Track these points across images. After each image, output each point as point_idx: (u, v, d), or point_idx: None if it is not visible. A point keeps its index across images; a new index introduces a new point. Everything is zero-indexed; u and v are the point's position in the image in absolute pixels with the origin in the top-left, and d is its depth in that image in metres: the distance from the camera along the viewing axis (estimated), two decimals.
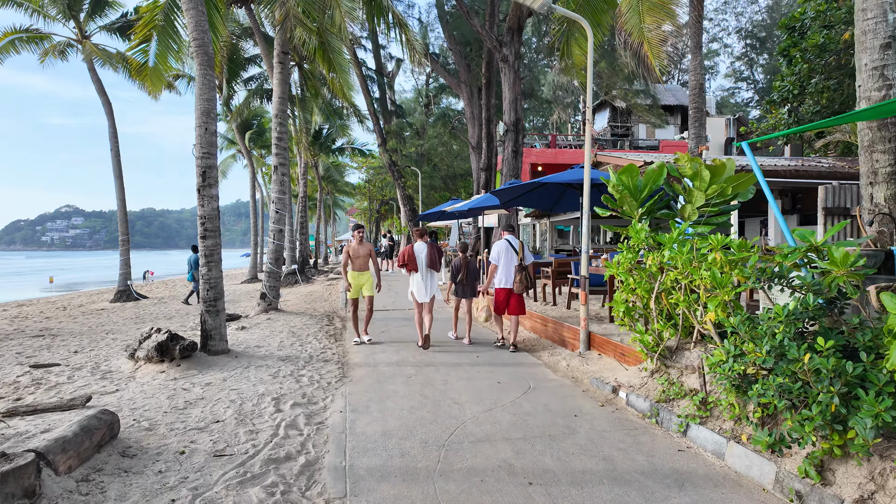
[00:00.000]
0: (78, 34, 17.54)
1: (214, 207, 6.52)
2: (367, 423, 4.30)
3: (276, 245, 10.63)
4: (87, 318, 13.26)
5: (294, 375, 5.71)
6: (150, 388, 5.23)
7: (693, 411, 3.97)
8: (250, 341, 7.53)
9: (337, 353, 7.10)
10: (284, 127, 10.43)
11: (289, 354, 6.78)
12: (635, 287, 5.13)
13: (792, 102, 18.50)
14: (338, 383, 5.52)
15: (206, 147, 6.46)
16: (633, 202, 5.75)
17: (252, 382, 5.38)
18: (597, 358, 6.13)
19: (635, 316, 5.18)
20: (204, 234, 6.45)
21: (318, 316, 10.38)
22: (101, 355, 7.64)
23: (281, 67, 10.41)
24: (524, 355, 6.88)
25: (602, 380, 5.24)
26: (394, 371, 6.01)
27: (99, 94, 17.73)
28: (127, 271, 18.03)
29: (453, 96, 29.82)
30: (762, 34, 51.69)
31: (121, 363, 6.69)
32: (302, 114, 23.70)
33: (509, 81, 17.82)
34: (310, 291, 15.72)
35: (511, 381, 5.58)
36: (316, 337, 8.15)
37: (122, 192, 17.93)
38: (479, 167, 21.43)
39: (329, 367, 6.23)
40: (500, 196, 7.99)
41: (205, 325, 6.42)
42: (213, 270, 6.49)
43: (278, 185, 10.48)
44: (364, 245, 7.54)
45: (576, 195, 8.25)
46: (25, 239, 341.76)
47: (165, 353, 5.92)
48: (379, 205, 53.13)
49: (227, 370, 5.88)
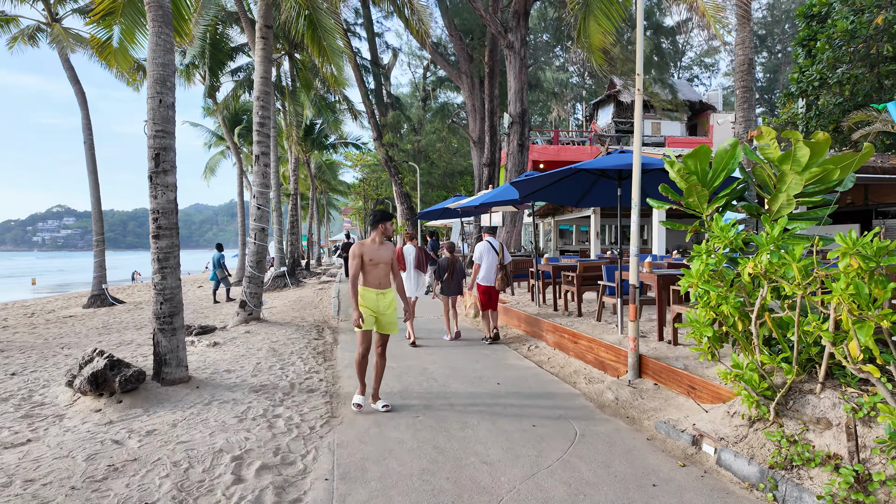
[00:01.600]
0: (48, 17, 16.13)
1: (171, 199, 5.20)
2: (364, 500, 3.02)
3: (259, 246, 9.31)
4: (49, 327, 11.89)
5: (267, 416, 4.40)
6: (72, 439, 3.92)
7: (840, 491, 2.70)
8: (220, 363, 6.21)
9: (325, 378, 5.80)
10: (267, 111, 9.12)
11: (265, 382, 5.46)
12: (718, 303, 3.87)
13: (812, 95, 17.35)
14: (324, 427, 4.21)
15: (161, 123, 5.15)
16: (704, 192, 4.48)
17: (210, 429, 4.07)
18: (653, 390, 4.86)
19: (721, 341, 3.91)
20: (157, 232, 5.13)
21: (306, 327, 9.07)
22: (42, 380, 6.33)
23: (264, 43, 9.10)
24: (557, 383, 5.60)
25: (674, 425, 3.97)
26: (396, 407, 4.72)
27: (71, 82, 16.34)
28: (101, 274, 16.63)
29: (452, 90, 28.54)
30: (762, 32, 50.73)
31: (58, 393, 5.38)
32: (292, 106, 22.34)
33: (515, 70, 16.54)
34: (299, 297, 14.39)
35: (550, 423, 4.30)
36: (301, 355, 6.84)
37: (96, 189, 16.54)
38: (481, 163, 20.14)
39: (314, 400, 4.93)
40: (522, 188, 6.72)
41: (158, 347, 5.11)
42: (168, 278, 5.16)
43: (260, 176, 9.16)
44: (386, 247, 4.76)
45: (611, 186, 6.99)
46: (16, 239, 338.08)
47: (102, 385, 4.60)
48: (374, 204, 51.82)
49: (181, 408, 4.56)
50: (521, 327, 8.32)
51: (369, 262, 4.63)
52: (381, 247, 4.71)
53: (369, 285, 4.66)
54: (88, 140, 16.49)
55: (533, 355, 6.90)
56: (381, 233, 4.73)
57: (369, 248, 4.66)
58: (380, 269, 4.67)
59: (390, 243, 4.82)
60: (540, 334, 7.52)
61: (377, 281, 4.67)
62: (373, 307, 4.62)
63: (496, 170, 19.43)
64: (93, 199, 16.52)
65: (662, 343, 5.73)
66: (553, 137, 29.23)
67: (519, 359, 6.71)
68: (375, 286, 4.66)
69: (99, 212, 16.73)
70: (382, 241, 4.74)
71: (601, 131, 29.80)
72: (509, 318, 8.89)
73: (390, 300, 4.75)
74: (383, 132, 22.02)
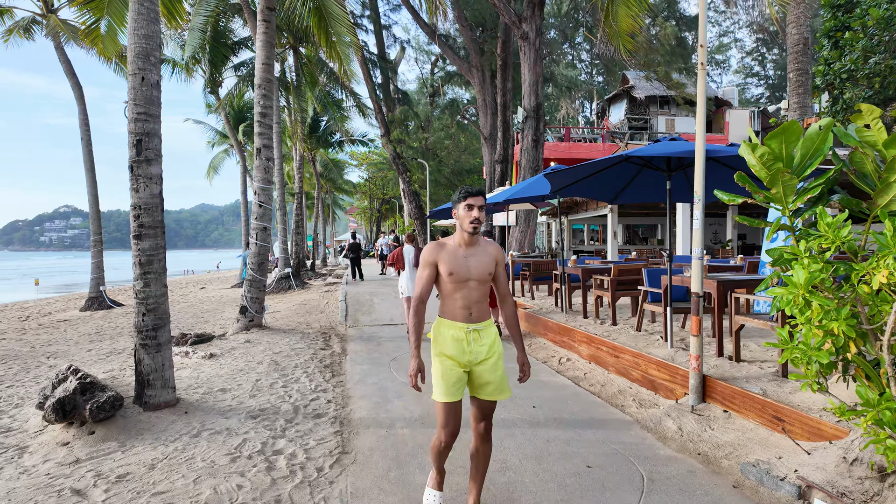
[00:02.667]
0: (43, 7, 15.49)
1: (155, 193, 4.47)
2: None
3: (261, 247, 8.59)
4: (39, 332, 11.22)
5: (266, 453, 3.66)
6: (25, 485, 3.19)
7: None
8: (214, 381, 5.48)
9: (334, 398, 5.06)
10: (270, 100, 8.40)
11: (264, 405, 4.73)
12: (821, 319, 3.11)
13: (838, 88, 16.51)
14: (334, 468, 3.47)
15: (144, 105, 4.42)
16: (792, 181, 3.71)
17: (195, 472, 3.33)
18: (724, 419, 4.09)
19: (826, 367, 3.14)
20: (138, 231, 4.40)
21: (312, 335, 8.34)
22: (16, 397, 5.64)
23: (265, 27, 8.38)
24: (602, 406, 4.83)
25: (766, 469, 3.20)
26: (419, 439, 3.97)
27: (68, 76, 15.68)
28: (99, 276, 15.97)
29: (461, 85, 27.78)
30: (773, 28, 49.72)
31: (30, 416, 4.69)
32: (297, 102, 21.65)
33: (529, 62, 15.75)
34: (304, 300, 13.68)
35: (607, 462, 3.54)
36: (306, 370, 6.11)
37: (94, 187, 15.90)
38: (493, 160, 19.39)
39: (321, 429, 4.19)
40: (556, 180, 5.96)
41: (140, 365, 4.38)
42: (151, 285, 4.43)
43: (262, 171, 8.44)
44: (481, 250, 2.79)
45: (656, 178, 6.22)
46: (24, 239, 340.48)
47: (71, 413, 3.88)
48: (379, 204, 51.15)
49: (164, 441, 3.83)
50: (548, 336, 7.56)
51: (450, 276, 2.68)
52: (471, 250, 2.74)
53: (452, 316, 2.72)
54: (86, 136, 15.86)
55: (566, 370, 6.14)
56: (469, 222, 2.67)
57: (451, 253, 2.71)
58: (470, 289, 2.71)
59: (489, 241, 2.87)
60: (571, 345, 6.76)
61: (466, 309, 2.71)
62: (459, 356, 2.68)
63: (509, 167, 18.68)
64: (90, 197, 15.89)
65: (723, 359, 4.96)
66: (564, 135, 28.42)
67: (552, 374, 5.95)
68: (464, 318, 2.70)
69: (97, 211, 16.08)
70: (474, 239, 2.74)
71: (614, 128, 28.98)
72: (534, 326, 8.13)
73: (491, 342, 2.75)
74: (391, 128, 21.30)
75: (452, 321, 2.74)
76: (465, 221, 2.69)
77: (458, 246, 2.75)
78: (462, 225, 2.72)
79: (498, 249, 2.85)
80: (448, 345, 2.71)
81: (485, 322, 2.79)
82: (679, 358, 5.09)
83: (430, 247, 2.77)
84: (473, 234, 2.70)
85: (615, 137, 26.51)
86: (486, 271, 2.75)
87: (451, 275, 2.69)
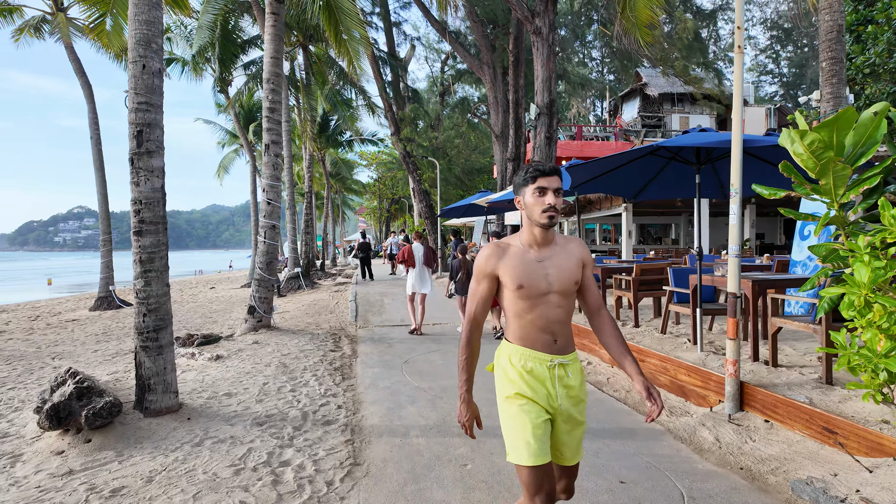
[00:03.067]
0: (52, 6, 15.42)
1: (156, 188, 4.23)
2: None
3: (269, 245, 8.37)
4: (46, 332, 11.09)
5: (272, 464, 3.40)
6: (14, 499, 2.96)
7: None
8: (220, 384, 5.24)
9: (344, 403, 4.80)
10: (278, 95, 8.18)
11: (271, 411, 4.48)
12: (885, 324, 2.80)
13: (860, 84, 16.03)
14: (345, 482, 3.21)
15: (145, 94, 4.19)
16: (844, 171, 3.39)
17: (196, 486, 3.08)
18: (765, 429, 3.78)
19: None
20: (139, 227, 4.17)
21: (321, 336, 8.10)
22: (17, 400, 5.45)
23: (274, 19, 8.15)
24: (629, 414, 4.53)
25: (823, 489, 2.89)
26: (436, 449, 3.70)
27: (77, 74, 15.57)
28: (109, 275, 15.88)
29: (471, 84, 27.48)
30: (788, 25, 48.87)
31: (28, 420, 4.48)
32: (307, 101, 21.49)
33: (542, 57, 15.41)
34: (314, 300, 13.46)
35: (641, 477, 3.25)
36: (315, 372, 5.86)
37: (103, 187, 15.82)
38: (504, 157, 19.06)
39: (331, 437, 3.93)
40: (577, 174, 5.65)
41: (140, 369, 4.14)
42: (153, 284, 4.20)
43: (271, 168, 8.22)
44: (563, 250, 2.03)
45: (682, 173, 5.90)
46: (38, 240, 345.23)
47: (67, 420, 3.65)
48: (389, 203, 50.98)
49: (163, 451, 3.59)
50: None
51: (521, 290, 1.94)
52: (547, 251, 1.99)
53: (529, 343, 1.97)
54: (95, 135, 15.77)
55: (588, 375, 5.84)
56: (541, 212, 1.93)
57: (518, 258, 1.97)
58: (551, 306, 1.96)
59: (568, 238, 2.09)
60: (592, 348, 6.45)
61: (548, 334, 1.97)
62: (543, 396, 1.95)
63: (521, 165, 18.36)
64: (100, 196, 15.81)
65: (759, 364, 4.64)
66: (576, 133, 28.04)
67: None
68: (545, 346, 1.97)
69: (106, 210, 16.00)
70: (549, 236, 2.00)
71: (626, 126, 28.54)
72: None
73: (579, 384, 2.03)
74: (401, 126, 21.06)
75: (530, 349, 1.94)
76: (537, 211, 1.91)
77: (528, 247, 1.97)
78: (532, 216, 1.94)
79: (583, 247, 2.07)
80: (524, 383, 1.92)
81: (572, 354, 2.01)
82: (710, 362, 4.78)
83: (488, 251, 1.98)
84: (548, 227, 1.93)
85: (628, 135, 26.09)
86: (571, 280, 1.96)
87: (522, 288, 1.91)
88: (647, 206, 17.97)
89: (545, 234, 1.98)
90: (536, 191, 1.93)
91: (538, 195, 1.93)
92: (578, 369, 2.04)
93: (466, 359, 2.00)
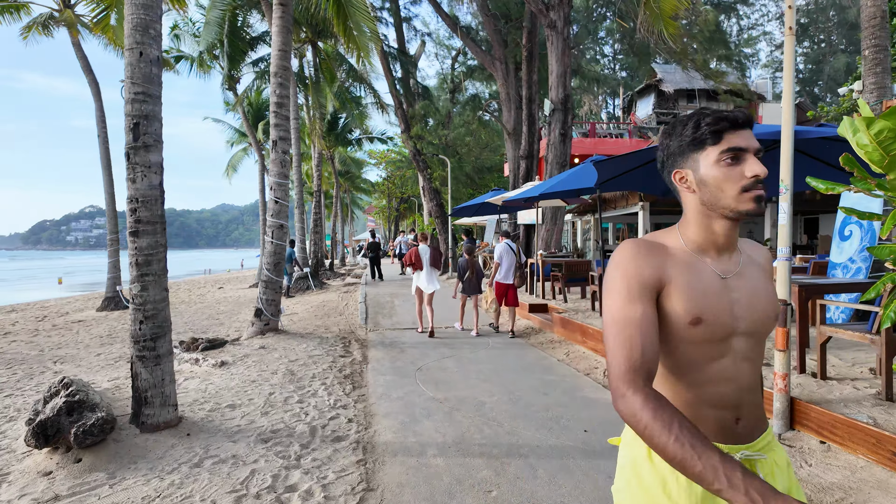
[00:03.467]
0: (60, 2, 15.24)
1: (154, 184, 3.93)
2: None
3: (276, 245, 8.08)
4: (51, 334, 10.89)
5: (276, 490, 3.08)
6: None
7: None
8: (223, 394, 4.94)
9: (355, 416, 4.48)
10: (286, 89, 7.88)
11: (277, 425, 4.16)
12: None
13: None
14: None
15: (142, 84, 3.89)
16: None
17: None
18: (821, 451, 3.41)
19: None
20: (135, 227, 3.86)
21: (331, 339, 7.79)
22: (13, 408, 5.19)
23: (282, 11, 7.85)
24: None
25: None
26: (456, 471, 3.36)
27: (84, 72, 15.39)
28: (116, 275, 15.72)
29: (482, 80, 27.10)
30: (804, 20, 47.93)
31: (21, 432, 4.20)
32: (316, 98, 21.22)
33: (557, 52, 15.03)
34: (322, 302, 13.18)
35: None
36: (324, 381, 5.54)
37: (110, 186, 15.63)
38: (517, 155, 18.69)
39: (342, 457, 3.60)
40: (604, 170, 5.29)
41: (136, 380, 3.84)
42: (150, 289, 3.89)
43: (278, 165, 7.92)
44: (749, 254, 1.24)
45: None
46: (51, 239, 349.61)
47: (56, 437, 3.36)
48: (398, 203, 50.71)
49: (159, 472, 3.29)
50: (587, 344, 6.89)
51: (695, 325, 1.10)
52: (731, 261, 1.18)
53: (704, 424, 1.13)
54: (102, 133, 15.61)
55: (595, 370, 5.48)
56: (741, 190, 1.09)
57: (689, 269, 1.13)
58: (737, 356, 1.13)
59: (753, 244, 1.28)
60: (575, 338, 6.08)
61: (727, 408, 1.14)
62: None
63: (534, 162, 17.97)
64: (107, 195, 15.63)
65: (806, 377, 4.26)
66: (589, 130, 27.58)
67: (597, 390, 5.29)
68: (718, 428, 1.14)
69: (113, 209, 15.84)
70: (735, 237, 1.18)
71: (641, 123, 28.04)
72: (570, 333, 7.46)
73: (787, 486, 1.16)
74: (411, 124, 20.74)
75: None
76: (730, 191, 1.11)
77: (699, 253, 1.17)
78: (717, 200, 1.13)
79: (769, 256, 1.30)
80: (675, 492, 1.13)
81: (763, 438, 1.18)
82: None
83: (633, 248, 1.14)
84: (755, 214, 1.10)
85: (643, 132, 25.61)
86: (769, 313, 1.17)
87: (700, 324, 1.10)
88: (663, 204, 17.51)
89: (733, 232, 1.16)
90: (727, 155, 1.10)
91: (730, 163, 1.10)
92: (783, 459, 1.20)
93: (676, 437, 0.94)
